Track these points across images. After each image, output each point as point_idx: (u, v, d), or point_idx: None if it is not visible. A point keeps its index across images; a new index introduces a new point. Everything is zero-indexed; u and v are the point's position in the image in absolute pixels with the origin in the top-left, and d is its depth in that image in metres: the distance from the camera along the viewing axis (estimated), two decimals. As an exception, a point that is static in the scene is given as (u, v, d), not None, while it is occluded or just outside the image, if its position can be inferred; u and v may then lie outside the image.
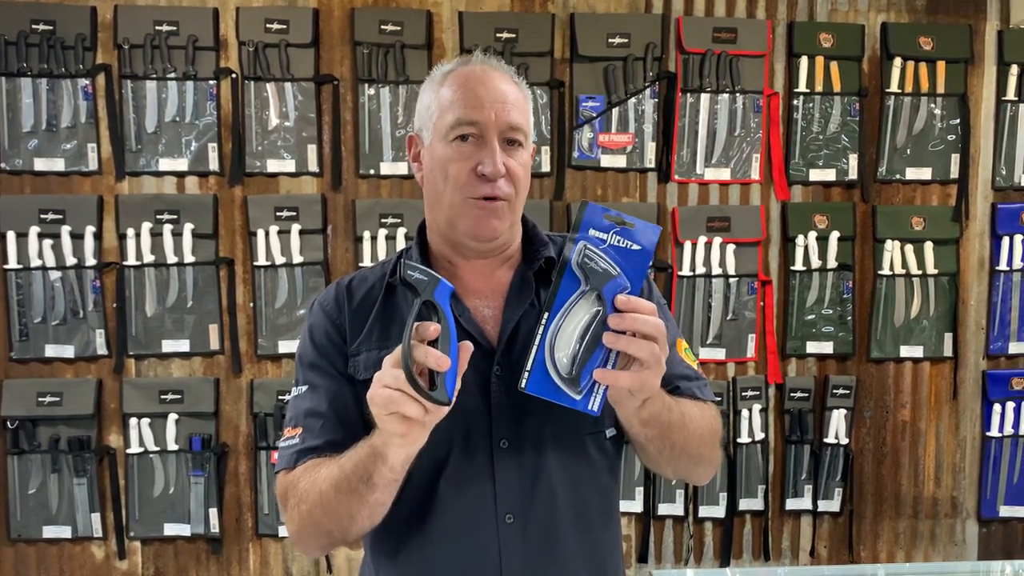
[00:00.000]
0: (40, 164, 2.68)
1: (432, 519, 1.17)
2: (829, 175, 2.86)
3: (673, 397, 1.17)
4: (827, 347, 2.88)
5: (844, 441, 2.88)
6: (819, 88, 2.83)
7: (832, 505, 2.91)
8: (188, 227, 2.69)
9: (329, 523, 1.11)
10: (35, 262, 2.67)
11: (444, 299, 0.98)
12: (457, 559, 1.17)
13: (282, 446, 1.22)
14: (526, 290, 1.23)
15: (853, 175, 2.86)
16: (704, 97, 2.81)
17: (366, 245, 2.73)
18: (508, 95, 1.20)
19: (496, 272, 1.26)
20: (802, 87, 2.83)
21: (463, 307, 1.20)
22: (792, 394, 2.88)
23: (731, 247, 2.82)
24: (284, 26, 2.69)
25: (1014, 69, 2.87)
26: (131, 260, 2.70)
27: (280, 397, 2.73)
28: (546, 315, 1.02)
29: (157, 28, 2.66)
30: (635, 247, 1.01)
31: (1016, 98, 2.88)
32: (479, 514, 1.16)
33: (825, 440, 2.88)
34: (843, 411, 2.87)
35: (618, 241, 1.00)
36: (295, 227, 2.71)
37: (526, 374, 1.00)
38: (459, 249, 1.24)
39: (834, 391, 2.87)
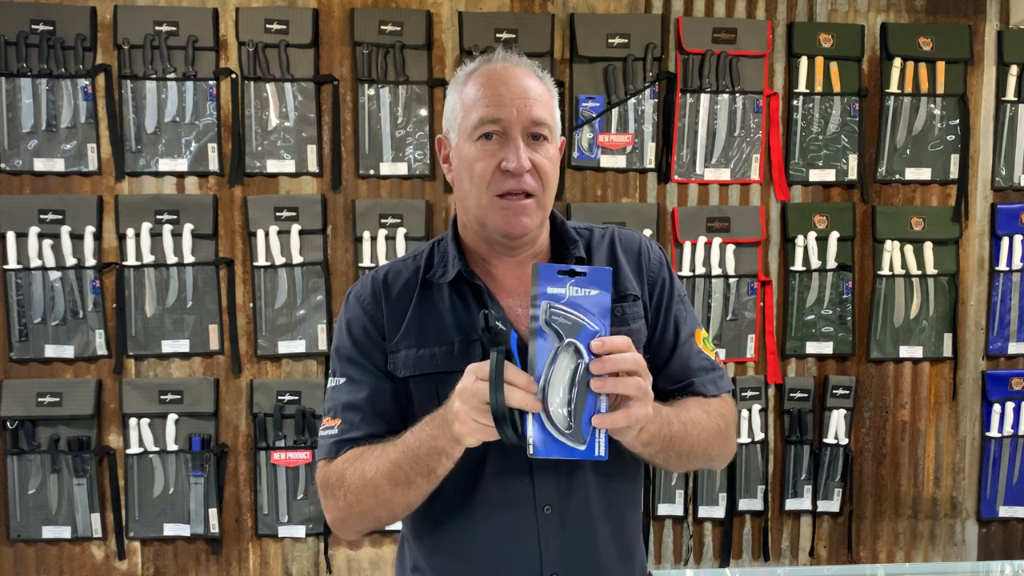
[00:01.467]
0: (40, 164, 2.68)
1: (474, 512, 1.21)
2: (829, 175, 2.86)
3: (674, 406, 1.19)
4: (827, 347, 2.88)
5: (844, 441, 2.88)
6: (819, 88, 2.83)
7: (832, 505, 2.91)
8: (188, 227, 2.69)
9: (380, 511, 1.18)
10: (35, 262, 2.67)
11: (514, 349, 1.06)
12: (499, 550, 1.21)
13: (322, 435, 1.26)
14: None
15: (853, 175, 2.86)
16: (704, 97, 2.81)
17: (366, 245, 2.73)
18: (531, 91, 1.22)
19: (527, 269, 1.27)
20: (802, 87, 2.83)
21: (497, 305, 1.23)
22: (792, 394, 2.88)
23: (731, 247, 2.82)
24: (284, 26, 2.69)
25: (1013, 69, 2.87)
26: (131, 260, 2.70)
27: (280, 398, 2.73)
28: None
29: (157, 28, 2.66)
30: (593, 292, 1.03)
31: (1015, 98, 2.88)
32: (519, 506, 1.21)
33: (825, 440, 2.88)
34: (843, 411, 2.87)
35: (576, 292, 1.03)
36: (295, 227, 2.71)
37: (530, 440, 1.02)
38: (492, 246, 1.26)
39: (834, 391, 2.87)
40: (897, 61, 2.84)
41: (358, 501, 1.18)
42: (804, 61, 2.82)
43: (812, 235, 2.84)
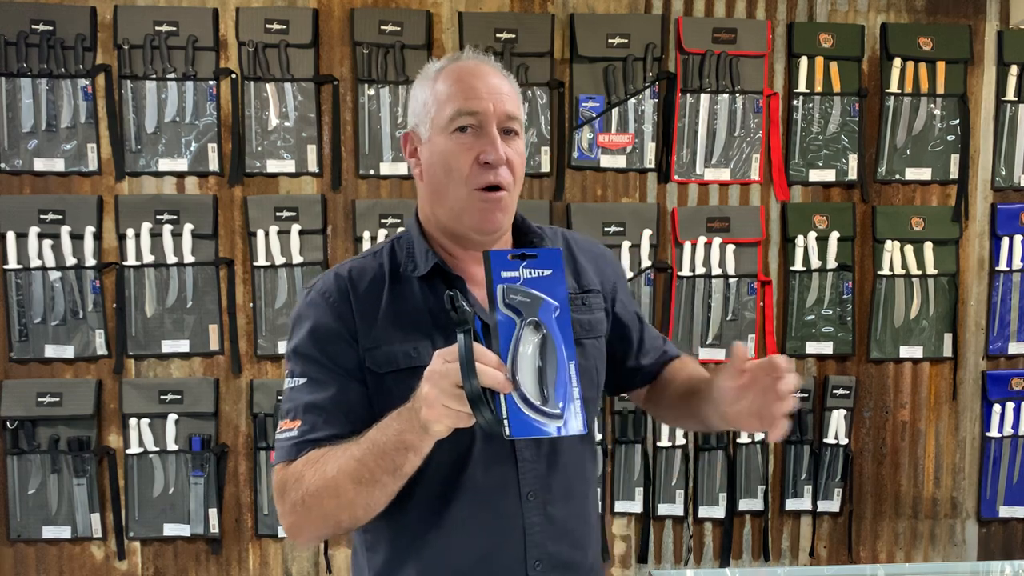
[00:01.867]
0: (40, 164, 2.68)
1: (457, 505, 1.20)
2: (829, 175, 2.86)
3: (695, 368, 1.40)
4: (827, 347, 2.88)
5: (844, 441, 2.88)
6: (819, 88, 2.83)
7: (832, 505, 2.91)
8: (188, 227, 2.69)
9: (341, 513, 1.13)
10: (35, 262, 2.67)
11: (479, 331, 1.03)
12: (484, 540, 1.21)
13: (280, 438, 1.21)
14: None
15: (853, 175, 2.86)
16: (704, 97, 2.81)
17: (366, 245, 2.73)
18: (503, 87, 1.25)
19: None
20: (802, 87, 2.83)
21: (473, 297, 1.24)
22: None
23: (731, 247, 2.82)
24: (284, 26, 2.69)
25: (1013, 69, 2.87)
26: (131, 260, 2.70)
27: (280, 398, 2.72)
28: None
29: (157, 28, 2.66)
30: (546, 273, 1.04)
31: (1015, 98, 2.88)
32: (504, 494, 1.21)
33: (825, 440, 2.88)
34: (843, 411, 2.87)
35: (529, 273, 1.04)
36: (295, 227, 2.71)
37: (505, 422, 0.99)
38: (460, 241, 1.27)
39: (834, 391, 2.87)
40: (897, 61, 2.84)
41: (317, 503, 1.13)
42: (804, 61, 2.82)
43: (812, 235, 2.84)
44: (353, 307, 1.23)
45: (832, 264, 2.85)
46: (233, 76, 2.70)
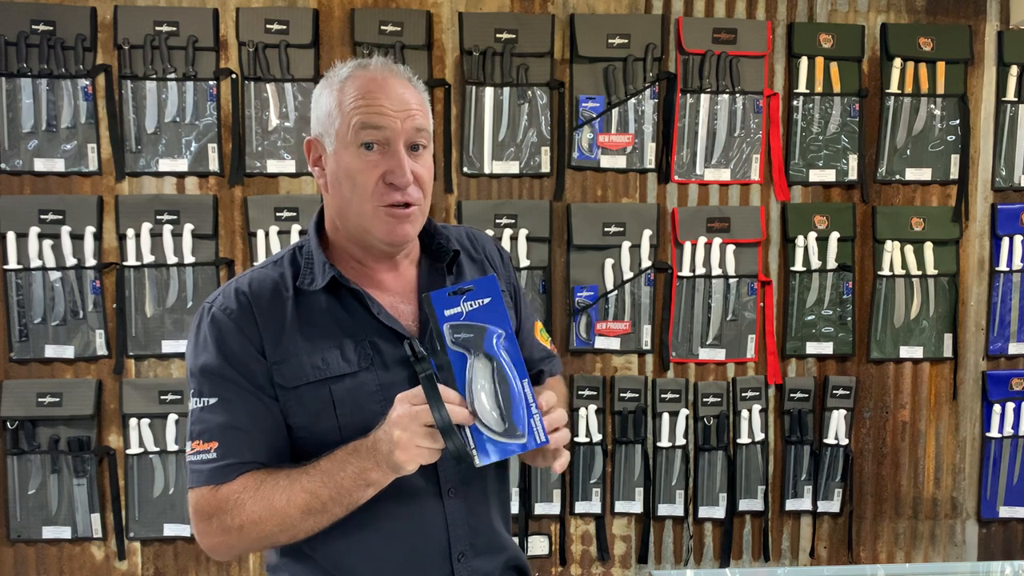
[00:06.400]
0: (40, 164, 2.68)
1: (383, 506, 1.19)
2: (829, 176, 2.86)
3: (551, 390, 1.30)
4: (827, 347, 2.88)
5: (844, 442, 2.88)
6: (819, 89, 2.83)
7: (832, 506, 2.91)
8: (188, 227, 2.69)
9: (282, 535, 1.17)
10: (35, 262, 2.67)
11: (434, 367, 1.10)
12: (407, 537, 1.24)
13: (195, 460, 1.20)
14: (437, 282, 1.31)
15: (853, 176, 2.86)
16: (704, 98, 2.81)
17: (366, 245, 2.73)
18: (411, 101, 1.24)
19: (402, 267, 1.31)
20: (802, 88, 2.83)
21: (378, 305, 1.25)
22: (792, 395, 2.88)
23: (731, 248, 2.82)
24: (284, 27, 2.69)
25: (1014, 70, 2.87)
26: (131, 260, 2.70)
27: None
28: None
29: (157, 28, 2.66)
30: (486, 301, 1.10)
31: (1016, 99, 2.88)
32: (425, 494, 1.24)
33: (825, 441, 2.88)
34: (843, 412, 2.87)
35: (471, 305, 1.10)
36: (295, 227, 2.71)
37: (473, 452, 1.06)
38: (369, 251, 1.28)
39: (834, 392, 2.87)
40: (897, 61, 2.84)
41: (256, 528, 1.16)
42: (804, 61, 2.82)
43: (812, 235, 2.84)
44: (258, 322, 1.21)
45: (832, 264, 2.85)
46: (233, 76, 2.70)
